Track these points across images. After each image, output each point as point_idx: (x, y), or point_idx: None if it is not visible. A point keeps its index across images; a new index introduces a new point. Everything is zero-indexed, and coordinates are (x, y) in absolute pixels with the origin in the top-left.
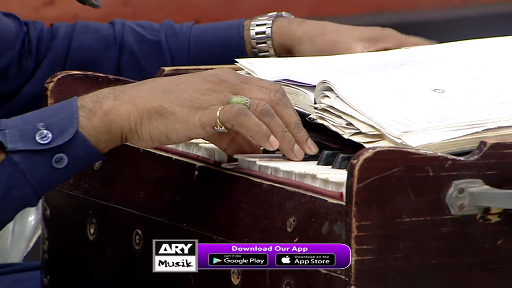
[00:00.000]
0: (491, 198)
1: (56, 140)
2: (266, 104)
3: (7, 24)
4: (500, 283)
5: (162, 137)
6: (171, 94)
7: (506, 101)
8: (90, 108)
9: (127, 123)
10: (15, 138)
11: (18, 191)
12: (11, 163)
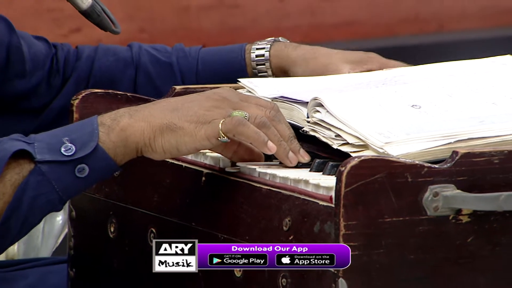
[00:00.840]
0: (462, 201)
1: (79, 153)
2: (263, 117)
3: (38, 47)
4: (470, 276)
5: (173, 149)
6: (180, 111)
7: (475, 116)
8: (108, 125)
9: (141, 138)
10: (43, 150)
11: (45, 197)
12: (39, 172)
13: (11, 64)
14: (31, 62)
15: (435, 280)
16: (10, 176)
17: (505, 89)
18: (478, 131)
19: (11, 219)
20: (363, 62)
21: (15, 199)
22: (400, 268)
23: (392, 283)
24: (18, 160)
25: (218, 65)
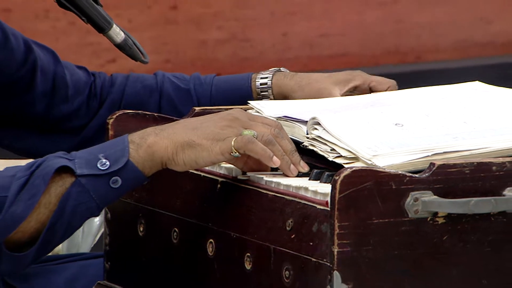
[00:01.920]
0: (438, 205)
1: (113, 167)
2: (269, 135)
3: (79, 75)
4: (445, 268)
5: (193, 163)
6: (198, 130)
7: (449, 133)
8: (137, 143)
9: (165, 154)
10: (82, 165)
11: (85, 205)
12: (79, 184)
13: (56, 90)
14: (73, 88)
15: (416, 272)
16: (55, 188)
17: (475, 110)
18: (451, 146)
19: (56, 225)
20: (350, 80)
21: (59, 207)
22: (385, 262)
23: (379, 275)
24: (61, 174)
25: (228, 91)
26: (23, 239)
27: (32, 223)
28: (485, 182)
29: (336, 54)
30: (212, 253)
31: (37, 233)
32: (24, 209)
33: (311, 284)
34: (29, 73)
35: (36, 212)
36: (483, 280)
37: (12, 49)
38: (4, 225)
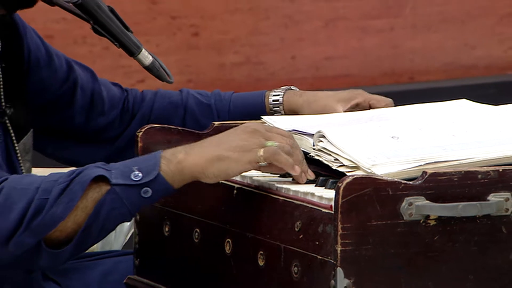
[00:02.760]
0: (430, 209)
1: (144, 179)
2: (288, 146)
3: (114, 91)
4: (435, 265)
5: (223, 174)
6: (225, 145)
7: (439, 145)
8: (168, 158)
9: (196, 169)
10: (117, 176)
11: (118, 211)
12: (114, 192)
13: (94, 105)
14: (109, 103)
15: (410, 268)
16: (92, 194)
17: (462, 125)
18: (442, 156)
19: (91, 227)
20: (352, 99)
21: (95, 211)
22: (383, 259)
23: (377, 271)
24: (98, 182)
25: (244, 107)
26: (61, 238)
27: (69, 224)
28: (472, 188)
29: (339, 75)
30: (229, 251)
31: (73, 233)
32: (63, 211)
33: (317, 279)
34: (70, 90)
35: (73, 214)
36: (469, 275)
37: (55, 68)
38: (44, 224)
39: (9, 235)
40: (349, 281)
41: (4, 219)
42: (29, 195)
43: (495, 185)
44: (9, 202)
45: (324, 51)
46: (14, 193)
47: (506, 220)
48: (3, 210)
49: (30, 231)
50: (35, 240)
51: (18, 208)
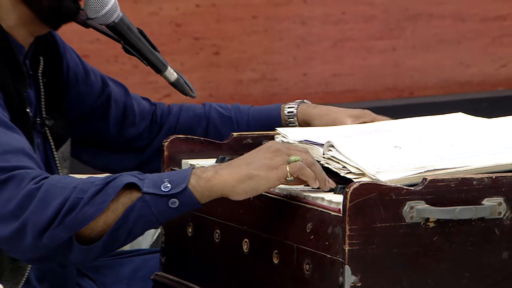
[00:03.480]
0: (429, 212)
1: (173, 190)
2: (310, 159)
3: (144, 105)
4: (435, 264)
5: (253, 191)
6: (252, 164)
7: (438, 154)
8: (199, 175)
9: (225, 187)
10: (149, 185)
11: (146, 218)
12: (144, 200)
13: (126, 117)
14: (139, 115)
15: (411, 266)
16: (123, 199)
17: (458, 135)
18: (440, 165)
19: (119, 230)
20: (361, 117)
21: (124, 215)
22: (386, 258)
23: (381, 268)
24: (131, 189)
25: (262, 119)
26: (91, 236)
27: (99, 224)
28: (467, 193)
29: (345, 90)
30: (247, 250)
31: (103, 233)
32: (94, 211)
33: (327, 276)
34: (105, 103)
35: (104, 215)
36: (466, 273)
37: (91, 83)
38: (77, 221)
39: (44, 227)
40: (355, 277)
41: (41, 212)
42: (66, 193)
43: (488, 191)
44: (48, 198)
45: (332, 69)
46: (53, 190)
47: (498, 223)
48: (42, 204)
49: (63, 226)
50: (67, 235)
51: (55, 203)
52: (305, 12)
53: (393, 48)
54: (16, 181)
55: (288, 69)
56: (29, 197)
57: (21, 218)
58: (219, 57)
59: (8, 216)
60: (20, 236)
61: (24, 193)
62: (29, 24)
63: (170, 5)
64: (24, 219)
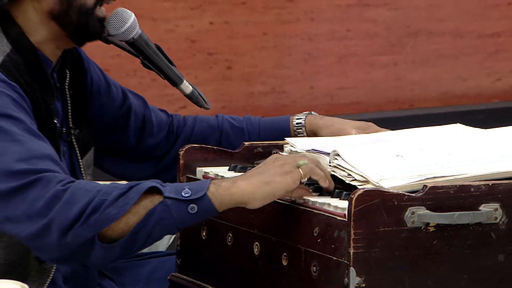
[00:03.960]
0: (430, 217)
1: (192, 196)
2: (316, 161)
3: (161, 116)
4: (435, 266)
5: (271, 196)
6: (266, 173)
7: (438, 162)
8: (218, 184)
9: (245, 195)
10: (170, 191)
11: (165, 222)
12: (165, 204)
13: (145, 128)
14: (157, 126)
15: (412, 268)
16: (145, 202)
17: (456, 145)
18: (440, 172)
19: (139, 232)
20: (365, 129)
21: (145, 218)
22: (389, 260)
23: (384, 270)
24: (152, 193)
25: (271, 129)
26: (112, 236)
27: (121, 225)
28: (465, 200)
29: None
30: (257, 253)
31: (124, 234)
32: (117, 212)
33: (333, 277)
34: (125, 114)
35: (126, 217)
36: (464, 275)
37: (113, 96)
38: (100, 221)
39: (69, 226)
40: (360, 279)
41: (67, 212)
42: (91, 195)
43: (485, 197)
44: (73, 199)
45: (337, 82)
46: (78, 192)
47: (495, 227)
48: (67, 205)
49: (87, 225)
50: (90, 234)
51: (80, 204)
52: (312, 29)
53: (394, 63)
54: (44, 182)
55: (296, 82)
56: (56, 197)
57: (48, 217)
58: (232, 71)
59: (35, 214)
60: (45, 233)
61: (51, 194)
62: (57, 40)
63: (185, 22)
64: (50, 217)
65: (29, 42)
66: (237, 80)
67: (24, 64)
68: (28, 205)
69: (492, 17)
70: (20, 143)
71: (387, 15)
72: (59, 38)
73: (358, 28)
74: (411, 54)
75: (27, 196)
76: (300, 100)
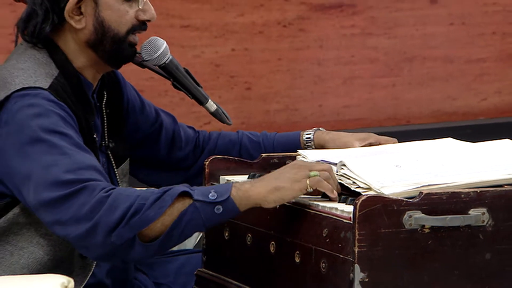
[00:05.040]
0: (425, 220)
1: (218, 198)
2: (327, 174)
3: (189, 132)
4: (430, 263)
5: (280, 200)
6: (279, 179)
7: (432, 172)
8: (238, 187)
9: (259, 197)
10: (198, 194)
11: (195, 221)
12: (194, 206)
13: (174, 142)
14: (185, 140)
15: (410, 265)
16: (177, 205)
17: (448, 157)
18: (434, 181)
19: (174, 230)
20: (366, 138)
21: (178, 218)
22: (389, 258)
23: (385, 267)
24: (184, 197)
25: (285, 143)
26: (151, 236)
27: (158, 225)
28: (456, 205)
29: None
30: (273, 251)
31: (160, 233)
32: (154, 214)
33: (340, 273)
34: (157, 130)
35: (162, 218)
36: (455, 271)
37: (147, 114)
38: (140, 222)
39: (113, 227)
40: (364, 274)
41: (111, 215)
42: (131, 200)
43: (474, 203)
44: (116, 203)
45: (343, 102)
46: (120, 197)
47: (482, 229)
48: (111, 209)
49: (128, 226)
50: (131, 234)
51: (122, 208)
52: (320, 55)
53: (393, 85)
54: (89, 190)
55: (306, 101)
56: (100, 203)
57: (93, 220)
58: (250, 92)
59: (82, 218)
60: (92, 234)
61: (96, 200)
62: (95, 65)
63: (210, 49)
64: (95, 220)
65: (73, 67)
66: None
67: (69, 86)
68: (76, 210)
69: (477, 45)
70: (68, 156)
71: (386, 43)
72: (97, 63)
73: (361, 54)
74: (407, 77)
75: (74, 203)
76: (310, 117)
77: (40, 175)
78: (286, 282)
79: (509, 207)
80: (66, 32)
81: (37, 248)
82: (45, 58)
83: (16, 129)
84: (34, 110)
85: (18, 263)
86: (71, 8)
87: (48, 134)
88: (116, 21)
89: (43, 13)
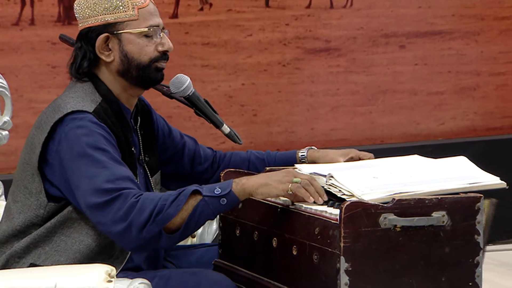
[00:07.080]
0: (397, 221)
1: (222, 192)
2: (306, 181)
3: (207, 151)
4: (400, 255)
5: (267, 195)
6: (271, 177)
7: (402, 182)
8: (237, 182)
9: (252, 189)
10: (207, 191)
11: (206, 212)
12: (204, 200)
13: (195, 159)
14: (204, 158)
15: (385, 256)
16: (191, 201)
17: (415, 170)
18: (404, 190)
19: (190, 221)
20: (348, 154)
21: (193, 212)
22: (369, 252)
23: (365, 259)
24: (195, 194)
25: (284, 160)
26: (173, 228)
27: (178, 219)
28: (422, 209)
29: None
30: (275, 245)
31: (180, 225)
32: (174, 211)
33: (329, 263)
34: (181, 150)
35: (180, 213)
36: (421, 261)
37: (173, 137)
38: (163, 219)
39: (143, 224)
40: (348, 264)
41: (140, 216)
42: (155, 202)
43: (436, 207)
44: (143, 206)
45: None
46: (146, 201)
47: (442, 228)
48: (140, 211)
49: (155, 223)
50: (158, 229)
51: (149, 209)
52: (312, 88)
53: (370, 112)
54: (124, 197)
55: (301, 125)
56: (132, 207)
57: (127, 221)
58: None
59: (118, 220)
60: (127, 232)
61: (129, 205)
62: (128, 89)
63: (225, 84)
64: (129, 221)
65: (112, 95)
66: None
67: (111, 111)
68: (114, 214)
69: (437, 81)
70: (107, 168)
71: (365, 79)
72: (129, 88)
73: (345, 88)
74: (381, 106)
75: (113, 207)
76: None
77: (86, 184)
78: (286, 271)
79: (464, 210)
80: (102, 66)
81: (86, 237)
82: (91, 89)
83: (68, 146)
84: (82, 131)
85: (71, 249)
86: (101, 46)
87: (93, 150)
88: (137, 53)
89: (82, 53)
